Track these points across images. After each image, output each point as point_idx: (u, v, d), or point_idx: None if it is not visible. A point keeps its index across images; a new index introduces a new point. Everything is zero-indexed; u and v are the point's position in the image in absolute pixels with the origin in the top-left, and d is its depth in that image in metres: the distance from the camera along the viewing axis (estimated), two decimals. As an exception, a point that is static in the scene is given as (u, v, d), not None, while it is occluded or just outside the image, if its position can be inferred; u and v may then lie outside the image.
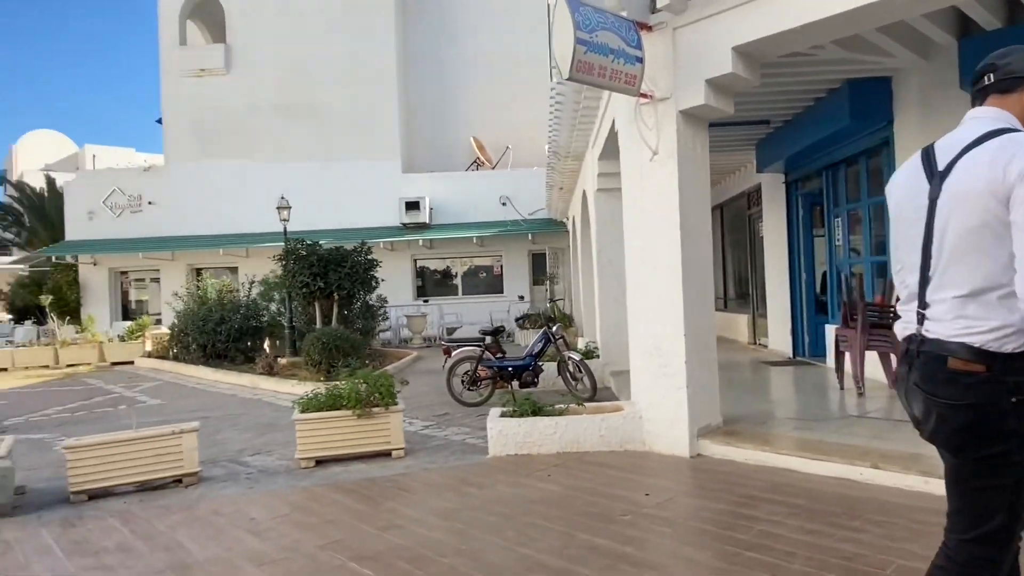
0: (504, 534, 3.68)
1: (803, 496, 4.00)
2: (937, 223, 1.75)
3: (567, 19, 4.36)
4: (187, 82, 20.51)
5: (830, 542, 3.31)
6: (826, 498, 3.95)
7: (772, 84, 6.55)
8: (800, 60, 5.93)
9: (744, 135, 9.05)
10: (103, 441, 5.12)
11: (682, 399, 4.95)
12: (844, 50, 5.60)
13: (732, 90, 5.03)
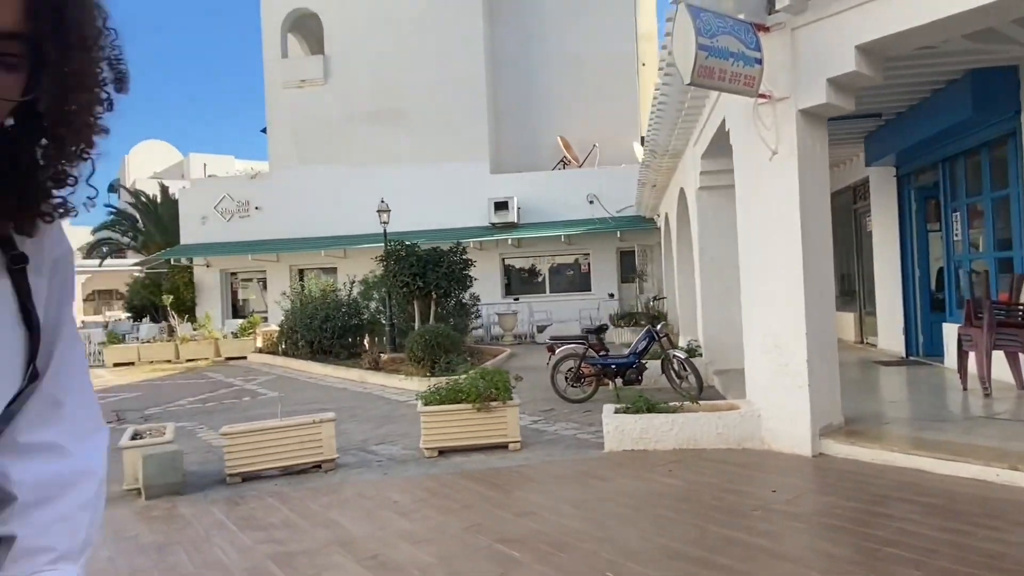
0: (638, 524, 3.85)
1: (938, 496, 3.97)
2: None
3: (688, 26, 4.47)
4: (289, 92, 21.66)
5: (972, 541, 3.31)
6: (963, 498, 3.91)
7: (887, 77, 6.40)
8: (921, 52, 5.78)
9: (852, 128, 8.82)
10: (254, 429, 5.63)
11: (803, 398, 4.96)
12: (969, 41, 5.44)
13: (854, 88, 5.00)
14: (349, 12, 21.29)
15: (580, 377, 8.12)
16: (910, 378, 7.93)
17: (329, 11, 21.51)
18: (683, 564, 3.24)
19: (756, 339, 5.41)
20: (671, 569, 3.19)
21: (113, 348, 18.18)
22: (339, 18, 21.43)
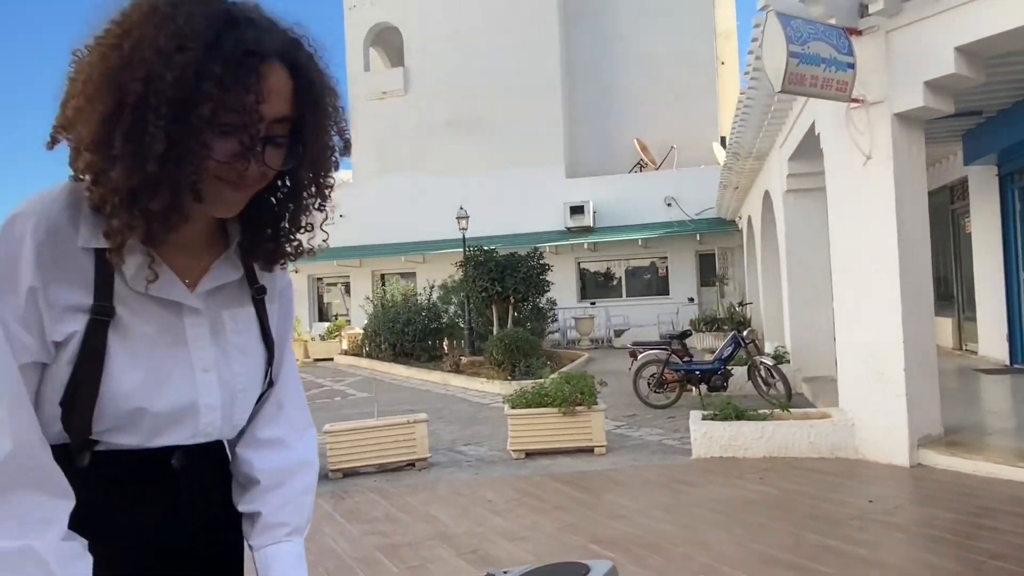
0: (730, 529, 3.90)
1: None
2: None
3: (779, 33, 4.48)
4: (371, 104, 22.47)
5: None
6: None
7: (990, 73, 6.15)
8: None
9: (949, 127, 8.46)
10: (354, 427, 5.97)
11: (901, 407, 4.86)
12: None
13: (953, 90, 4.86)
14: (428, 24, 21.90)
15: (663, 383, 8.13)
16: (1015, 387, 7.54)
17: (409, 24, 22.20)
18: (780, 570, 3.28)
19: (850, 347, 5.32)
20: (767, 575, 3.24)
21: (211, 349, 19.30)
22: (418, 31, 22.08)
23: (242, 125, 0.83)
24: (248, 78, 0.82)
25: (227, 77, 0.80)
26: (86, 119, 0.81)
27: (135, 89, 0.78)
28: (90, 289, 0.87)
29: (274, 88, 0.86)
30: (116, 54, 0.80)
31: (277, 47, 0.86)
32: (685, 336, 8.57)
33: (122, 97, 0.79)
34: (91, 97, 0.80)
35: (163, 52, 0.78)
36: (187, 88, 0.79)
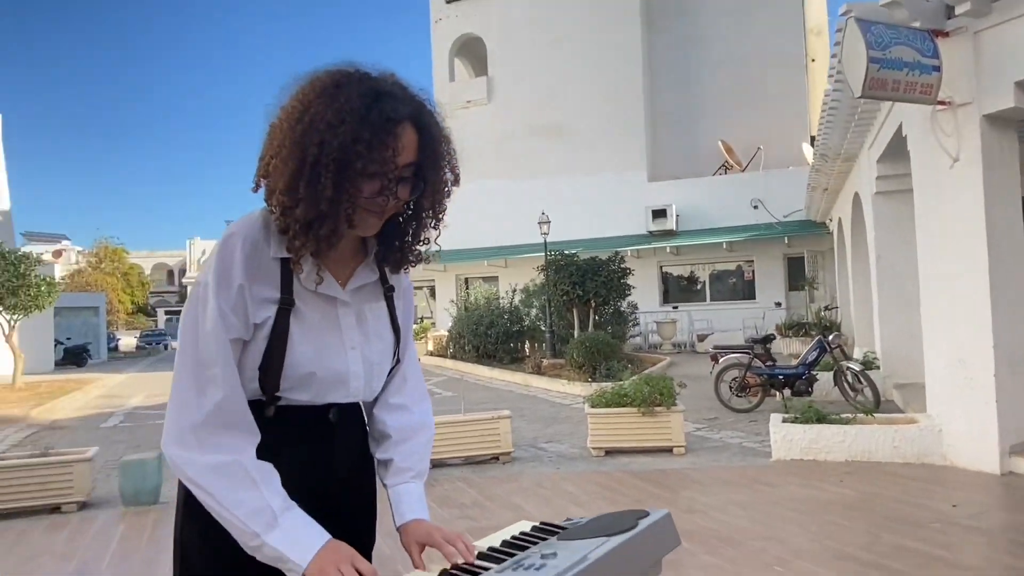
0: (806, 527, 3.99)
1: None
2: None
3: (859, 40, 4.53)
4: (455, 113, 23.15)
5: None
6: None
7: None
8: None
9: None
10: (441, 421, 6.34)
11: (991, 414, 4.76)
12: None
13: (1050, 89, 4.73)
14: (511, 34, 22.39)
15: (745, 387, 8.13)
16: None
17: (492, 34, 22.77)
18: (853, 565, 3.37)
19: (938, 352, 5.24)
20: (840, 569, 3.34)
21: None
22: (501, 40, 22.61)
23: (383, 172, 1.14)
24: (387, 138, 1.13)
25: (373, 140, 1.12)
26: (280, 173, 1.14)
27: (312, 152, 1.11)
28: (278, 287, 1.21)
29: (405, 143, 1.17)
30: (299, 126, 1.13)
31: (408, 112, 1.17)
32: (768, 340, 8.51)
33: (304, 157, 1.11)
34: (284, 158, 1.13)
35: (331, 124, 1.11)
36: (346, 150, 1.11)
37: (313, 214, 1.13)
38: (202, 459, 1.12)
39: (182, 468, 1.13)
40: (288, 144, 1.13)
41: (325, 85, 1.16)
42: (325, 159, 1.11)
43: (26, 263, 12.59)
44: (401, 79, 1.25)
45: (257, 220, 1.22)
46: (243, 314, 1.18)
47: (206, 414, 1.14)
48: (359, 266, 1.32)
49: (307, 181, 1.12)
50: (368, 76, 1.19)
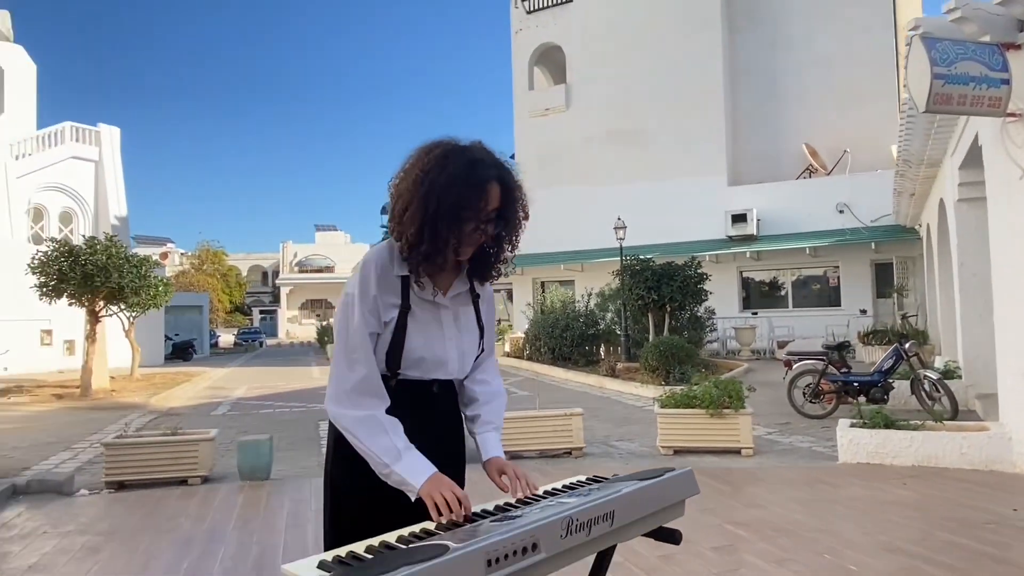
0: (860, 523, 4.20)
1: None
2: None
3: (923, 56, 4.68)
4: (534, 121, 23.70)
5: None
6: None
7: None
8: None
9: None
10: (518, 416, 6.82)
11: (1061, 423, 4.78)
12: None
13: None
14: (589, 42, 22.73)
15: (819, 393, 8.19)
16: None
17: (571, 42, 23.17)
18: (901, 558, 3.58)
19: (1010, 360, 5.27)
20: (888, 560, 3.56)
21: (392, 348, 21.48)
22: (580, 48, 22.98)
23: (478, 218, 1.61)
24: (482, 195, 1.60)
25: (473, 197, 1.59)
26: (409, 223, 1.62)
27: (432, 207, 1.59)
28: (399, 296, 1.68)
29: (492, 196, 1.63)
30: (423, 188, 1.61)
31: (494, 173, 1.64)
32: (844, 347, 8.51)
33: (426, 212, 1.60)
34: (413, 213, 1.61)
35: (445, 187, 1.58)
36: (456, 206, 1.58)
37: (432, 250, 1.61)
38: (352, 413, 1.61)
39: (338, 419, 1.63)
40: (415, 202, 1.62)
41: (437, 157, 1.63)
42: (442, 212, 1.59)
43: (146, 265, 13.97)
44: (487, 146, 1.71)
45: (384, 250, 1.71)
46: (376, 315, 1.67)
47: (353, 384, 1.63)
48: (455, 279, 1.78)
49: (430, 228, 1.60)
50: (466, 148, 1.66)
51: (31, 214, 24.78)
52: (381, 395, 1.66)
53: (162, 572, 3.74)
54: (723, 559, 3.70)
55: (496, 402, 1.88)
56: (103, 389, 13.75)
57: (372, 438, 1.59)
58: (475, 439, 1.83)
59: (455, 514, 1.51)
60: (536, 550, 1.27)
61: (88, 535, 4.45)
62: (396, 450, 1.59)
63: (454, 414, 1.85)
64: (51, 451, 7.68)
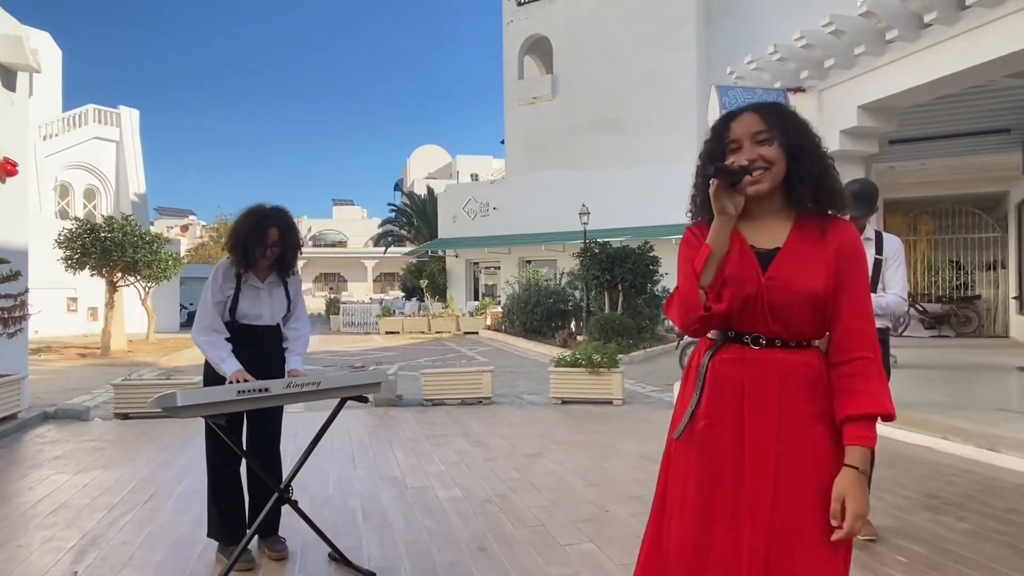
0: (636, 440, 5.83)
1: None
2: None
3: (716, 102, 6.21)
4: (523, 108, 25.11)
5: None
6: None
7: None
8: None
9: None
10: (440, 372, 8.51)
11: None
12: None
13: (869, 135, 6.22)
14: (574, 33, 24.01)
15: (706, 360, 9.78)
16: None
17: (558, 35, 24.46)
18: (640, 460, 5.22)
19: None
20: (631, 459, 5.21)
21: (385, 320, 23.28)
22: (566, 39, 24.27)
23: (264, 245, 3.27)
24: (263, 234, 3.25)
25: (257, 236, 3.25)
26: (231, 249, 3.28)
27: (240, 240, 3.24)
28: (234, 283, 3.34)
29: (271, 234, 3.29)
30: (236, 230, 3.26)
31: (273, 223, 3.29)
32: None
33: (236, 243, 3.25)
34: (231, 244, 3.28)
35: (241, 230, 3.24)
36: (247, 240, 3.24)
37: (243, 262, 3.26)
38: (204, 338, 3.28)
39: (198, 342, 3.30)
40: (231, 239, 3.27)
41: (244, 215, 3.28)
42: (241, 243, 3.23)
43: (158, 242, 15.80)
44: (278, 206, 3.37)
45: (227, 260, 3.37)
46: (221, 293, 3.33)
47: (206, 325, 3.29)
48: (270, 273, 3.44)
49: (240, 251, 3.25)
50: (258, 209, 3.30)
51: (58, 191, 26.79)
52: (221, 330, 3.31)
53: (144, 461, 5.49)
54: (530, 460, 5.38)
55: (300, 340, 3.53)
56: (120, 350, 15.69)
57: (214, 351, 3.25)
58: (287, 359, 3.49)
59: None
60: (267, 391, 2.93)
61: (97, 442, 6.23)
62: (222, 357, 3.24)
63: (275, 344, 3.51)
64: (74, 394, 9.53)
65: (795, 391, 1.63)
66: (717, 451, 1.68)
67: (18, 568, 3.29)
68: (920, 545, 3.46)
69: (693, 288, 1.64)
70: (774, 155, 1.65)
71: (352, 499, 4.43)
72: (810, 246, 1.67)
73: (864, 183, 3.58)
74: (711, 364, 1.73)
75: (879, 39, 5.50)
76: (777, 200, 1.70)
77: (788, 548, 1.58)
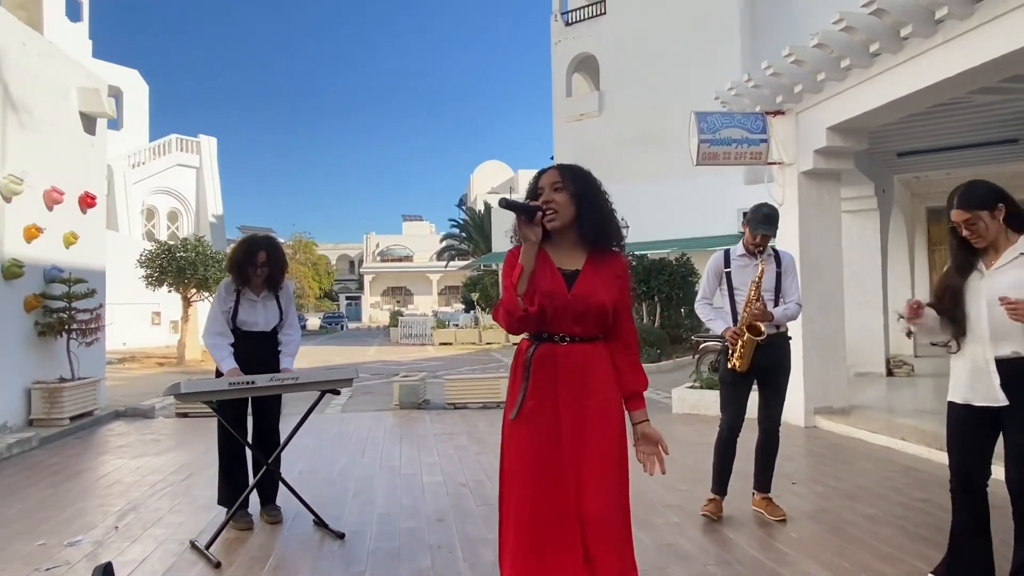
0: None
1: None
2: None
3: (694, 127, 6.72)
4: (570, 125, 25.76)
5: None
6: None
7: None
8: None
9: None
10: (462, 378, 9.23)
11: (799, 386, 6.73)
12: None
13: (842, 153, 6.59)
14: (620, 51, 24.51)
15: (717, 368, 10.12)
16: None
17: (605, 53, 25.02)
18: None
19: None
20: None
21: (438, 332, 24.30)
22: (612, 57, 24.80)
23: (254, 266, 4.08)
24: (253, 257, 4.07)
25: (248, 258, 4.06)
26: (229, 269, 4.11)
27: (236, 261, 4.06)
28: (234, 296, 4.16)
29: (260, 257, 4.10)
30: (233, 254, 4.09)
31: (263, 246, 4.10)
32: (738, 332, 10.36)
33: (232, 265, 4.07)
34: (229, 265, 4.10)
35: (237, 253, 4.06)
36: (241, 262, 4.05)
37: (239, 280, 4.08)
38: (210, 340, 4.10)
39: (206, 343, 4.13)
40: (230, 261, 4.09)
41: (239, 242, 4.11)
42: (236, 264, 4.05)
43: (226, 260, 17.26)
44: (269, 233, 4.20)
45: (228, 279, 4.19)
46: (225, 305, 4.15)
47: (214, 329, 4.12)
48: (263, 288, 4.24)
49: (236, 272, 4.07)
50: (252, 238, 4.12)
51: (144, 214, 29.25)
52: (225, 334, 4.12)
53: (190, 450, 6.43)
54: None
55: (291, 343, 4.31)
56: (194, 359, 17.21)
57: (216, 351, 4.06)
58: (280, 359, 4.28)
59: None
60: (253, 383, 3.71)
61: (155, 435, 7.26)
62: (222, 357, 4.03)
63: (271, 346, 4.31)
64: (146, 397, 10.77)
65: (591, 372, 2.28)
66: (543, 422, 2.31)
67: (76, 523, 4.19)
68: (820, 525, 3.91)
69: (513, 296, 2.29)
70: (563, 199, 2.24)
71: (349, 481, 5.19)
72: (600, 271, 2.31)
73: (771, 208, 4.08)
74: (533, 358, 2.38)
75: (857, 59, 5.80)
76: (574, 234, 2.33)
77: (590, 476, 2.20)
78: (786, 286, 4.04)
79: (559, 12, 26.52)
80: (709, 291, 4.17)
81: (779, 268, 4.04)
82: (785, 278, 4.04)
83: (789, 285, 4.04)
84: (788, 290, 4.04)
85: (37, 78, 7.32)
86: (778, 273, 4.04)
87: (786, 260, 4.10)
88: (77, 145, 8.17)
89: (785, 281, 4.04)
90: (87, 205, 8.33)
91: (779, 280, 4.04)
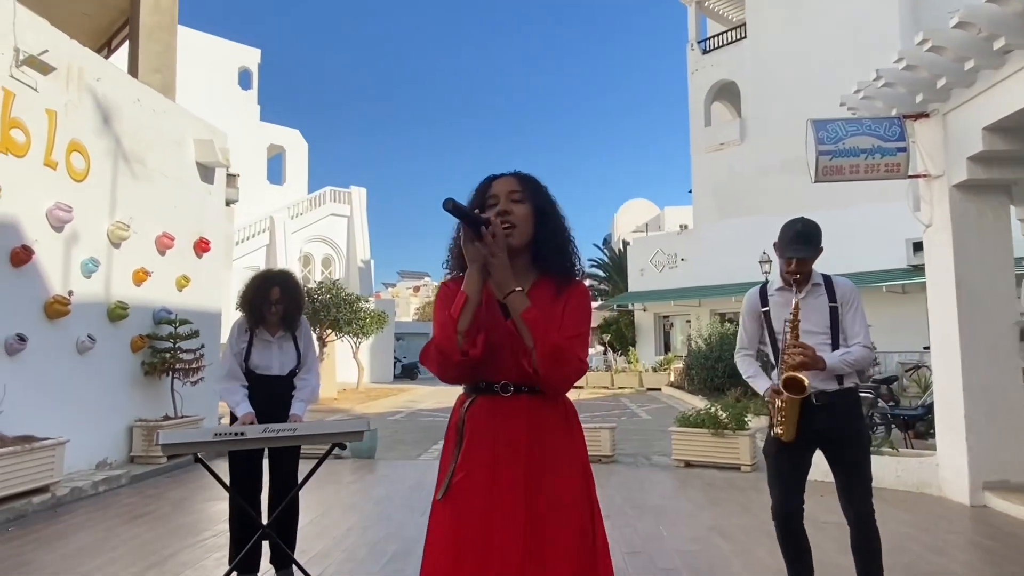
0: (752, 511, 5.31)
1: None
2: None
3: (811, 137, 5.68)
4: (709, 156, 24.40)
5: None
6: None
7: None
8: None
9: None
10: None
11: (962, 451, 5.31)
12: None
13: (1006, 159, 5.22)
14: (762, 75, 22.95)
15: (871, 425, 8.54)
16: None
17: (745, 78, 23.58)
18: (761, 538, 4.78)
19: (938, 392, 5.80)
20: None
21: (571, 374, 23.56)
22: (754, 82, 23.28)
23: (267, 302, 3.73)
24: (267, 294, 3.72)
25: (262, 296, 3.72)
26: (242, 308, 3.80)
27: (247, 299, 3.75)
28: (247, 337, 3.84)
29: (274, 293, 3.75)
30: (245, 292, 3.78)
31: (277, 281, 3.76)
32: (890, 381, 8.71)
33: (244, 302, 3.76)
34: (241, 304, 3.80)
35: (250, 291, 3.74)
36: (254, 300, 3.72)
37: (253, 319, 3.76)
38: (223, 384, 3.80)
39: (217, 388, 3.83)
40: (241, 299, 3.79)
41: (252, 279, 3.80)
42: (248, 301, 3.73)
43: (358, 303, 17.90)
44: (284, 269, 3.84)
45: (241, 318, 3.89)
46: (236, 347, 3.84)
47: (226, 373, 3.81)
48: (280, 328, 3.89)
49: (249, 310, 3.75)
50: (266, 273, 3.79)
51: (302, 260, 31.58)
52: (238, 378, 3.80)
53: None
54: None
55: (307, 388, 3.91)
56: (328, 398, 17.85)
57: (230, 396, 3.75)
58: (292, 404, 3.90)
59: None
60: (243, 434, 3.32)
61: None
62: (236, 402, 3.72)
63: (286, 392, 3.94)
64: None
65: (547, 438, 1.73)
66: (476, 504, 1.69)
67: (173, 540, 4.03)
68: None
69: (450, 334, 1.69)
70: (524, 212, 1.77)
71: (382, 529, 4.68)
72: (548, 301, 1.75)
73: (806, 223, 3.11)
74: (467, 417, 1.77)
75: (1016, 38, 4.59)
76: (525, 259, 1.79)
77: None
78: (847, 324, 3.01)
79: (695, 41, 25.52)
80: (747, 339, 3.26)
81: (833, 302, 3.04)
82: (844, 313, 3.02)
83: (852, 322, 3.00)
84: (850, 329, 3.00)
85: (151, 132, 7.83)
86: (832, 308, 3.03)
87: (843, 289, 3.08)
88: (193, 193, 8.64)
89: (845, 317, 3.02)
90: (202, 250, 8.75)
91: (835, 317, 3.02)
